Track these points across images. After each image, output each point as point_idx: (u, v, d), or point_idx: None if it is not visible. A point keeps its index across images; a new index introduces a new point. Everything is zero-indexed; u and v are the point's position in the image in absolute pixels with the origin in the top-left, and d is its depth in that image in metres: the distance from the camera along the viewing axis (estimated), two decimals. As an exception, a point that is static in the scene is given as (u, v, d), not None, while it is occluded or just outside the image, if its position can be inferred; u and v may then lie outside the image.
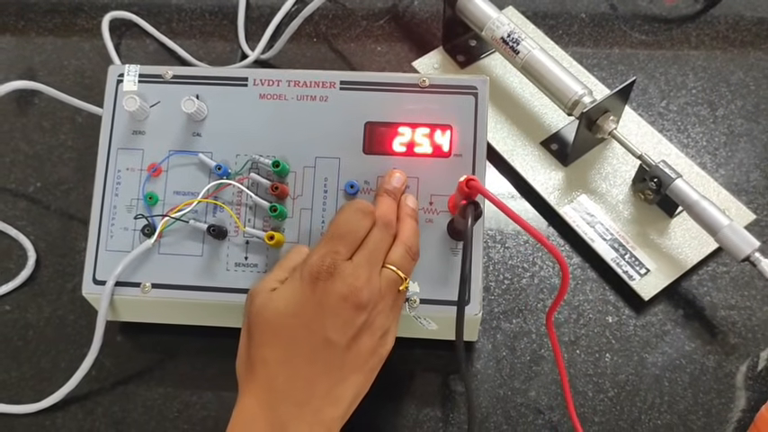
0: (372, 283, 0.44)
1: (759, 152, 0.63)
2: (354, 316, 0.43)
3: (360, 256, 0.45)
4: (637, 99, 0.67)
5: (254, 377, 0.45)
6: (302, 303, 0.43)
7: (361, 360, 0.44)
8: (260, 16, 0.76)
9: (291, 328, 0.43)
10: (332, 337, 0.43)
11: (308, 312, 0.43)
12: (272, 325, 0.44)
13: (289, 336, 0.43)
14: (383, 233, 0.47)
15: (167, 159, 0.55)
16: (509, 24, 0.63)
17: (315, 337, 0.43)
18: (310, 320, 0.43)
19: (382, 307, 0.45)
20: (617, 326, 0.57)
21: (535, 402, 0.54)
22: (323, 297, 0.43)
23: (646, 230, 0.59)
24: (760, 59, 0.69)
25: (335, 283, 0.43)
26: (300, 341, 0.43)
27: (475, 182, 0.41)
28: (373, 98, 0.54)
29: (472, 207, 0.42)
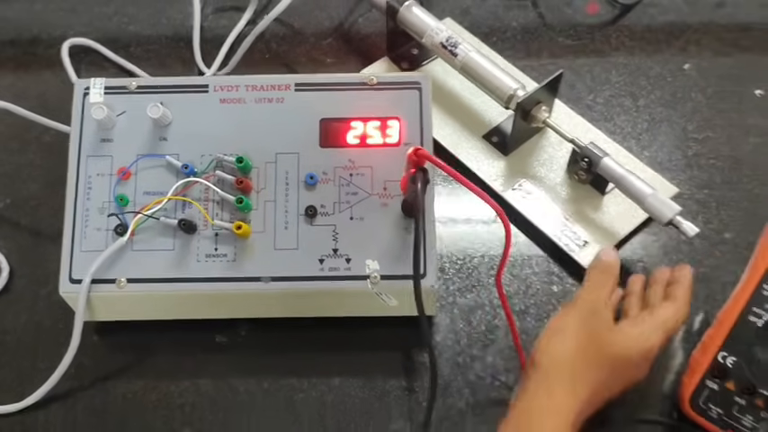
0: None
1: (678, 134, 0.70)
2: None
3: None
4: (566, 94, 0.73)
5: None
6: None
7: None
8: (213, 37, 0.81)
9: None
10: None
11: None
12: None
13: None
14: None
15: (136, 163, 0.58)
16: (447, 30, 0.69)
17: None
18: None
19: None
20: (562, 294, 0.62)
21: (492, 367, 0.59)
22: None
23: (582, 208, 0.65)
24: (673, 55, 0.76)
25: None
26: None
27: (422, 150, 0.47)
28: (326, 97, 0.59)
29: (421, 173, 0.47)
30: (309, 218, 0.57)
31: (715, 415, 0.52)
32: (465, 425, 0.56)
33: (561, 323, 0.52)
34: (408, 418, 0.57)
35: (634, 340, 0.51)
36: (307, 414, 0.57)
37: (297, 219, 0.57)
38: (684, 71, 0.75)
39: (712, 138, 0.70)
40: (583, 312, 0.52)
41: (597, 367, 0.50)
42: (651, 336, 0.51)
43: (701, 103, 0.72)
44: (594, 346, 0.50)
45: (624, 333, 0.51)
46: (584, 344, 0.50)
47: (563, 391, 0.48)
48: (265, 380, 0.59)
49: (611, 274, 0.54)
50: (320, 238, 0.56)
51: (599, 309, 0.52)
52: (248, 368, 0.59)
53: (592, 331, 0.51)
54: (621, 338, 0.51)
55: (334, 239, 0.56)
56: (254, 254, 0.56)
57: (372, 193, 0.57)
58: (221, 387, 0.59)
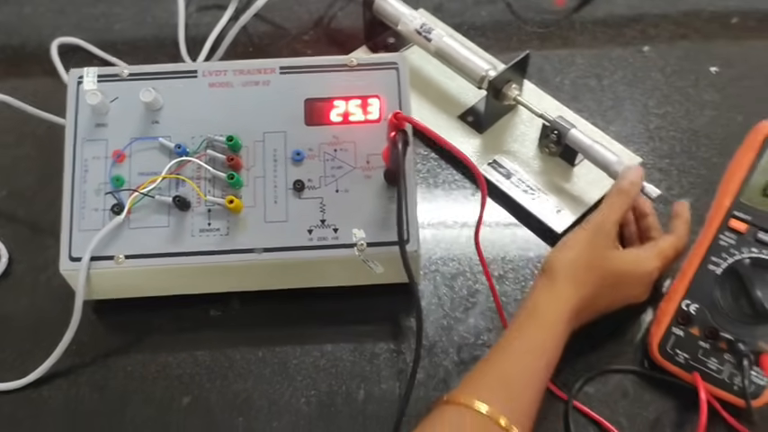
0: None
1: (640, 110, 0.75)
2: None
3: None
4: (536, 76, 0.77)
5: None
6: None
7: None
8: (198, 34, 0.84)
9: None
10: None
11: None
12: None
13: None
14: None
15: (130, 146, 0.61)
16: (420, 17, 0.73)
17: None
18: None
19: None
20: (537, 259, 0.66)
21: (474, 327, 0.62)
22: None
23: (553, 179, 0.69)
24: (634, 37, 0.81)
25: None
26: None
27: (401, 113, 0.50)
28: (310, 79, 0.63)
29: (401, 134, 0.51)
30: (297, 192, 0.60)
31: (682, 360, 0.56)
32: (451, 381, 0.59)
33: (572, 239, 0.57)
34: (397, 377, 0.60)
35: (633, 262, 0.58)
36: (301, 378, 0.60)
37: (285, 193, 0.60)
38: (644, 53, 0.80)
39: (671, 112, 0.75)
40: (592, 230, 0.57)
41: (597, 274, 0.56)
42: (650, 261, 0.58)
43: (660, 82, 0.77)
44: (597, 258, 0.56)
45: (625, 254, 0.59)
46: (587, 257, 0.56)
47: (565, 287, 0.54)
48: (260, 349, 0.62)
49: (627, 196, 0.59)
50: (308, 210, 0.60)
51: (606, 228, 0.57)
52: (243, 339, 0.62)
53: (596, 246, 0.56)
54: (622, 257, 0.58)
55: (322, 211, 0.60)
56: (246, 227, 0.59)
57: (356, 167, 0.60)
58: (218, 357, 0.61)
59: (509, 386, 0.51)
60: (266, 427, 0.58)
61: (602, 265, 0.56)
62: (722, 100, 0.75)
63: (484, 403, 0.49)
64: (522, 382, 0.52)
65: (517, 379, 0.52)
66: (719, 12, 0.83)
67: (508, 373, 0.52)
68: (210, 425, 0.58)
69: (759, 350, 0.53)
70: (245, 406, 0.59)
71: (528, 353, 0.53)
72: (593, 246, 0.56)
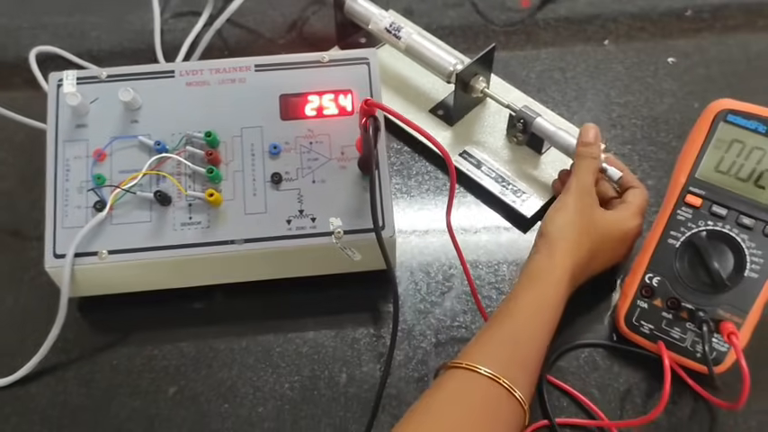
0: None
1: (602, 100, 0.78)
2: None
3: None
4: (503, 71, 0.80)
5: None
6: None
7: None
8: (173, 39, 0.86)
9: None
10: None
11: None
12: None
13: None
14: None
15: (110, 145, 0.63)
16: (390, 17, 0.76)
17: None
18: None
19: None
20: (509, 243, 0.68)
21: (451, 310, 0.64)
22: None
23: (522, 167, 0.72)
24: (594, 31, 0.85)
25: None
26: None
27: (371, 100, 0.53)
28: (284, 75, 0.65)
29: (372, 119, 0.54)
30: (275, 184, 0.62)
31: (647, 331, 0.59)
32: (429, 362, 0.62)
33: (561, 202, 0.61)
34: (377, 360, 0.62)
35: (619, 221, 0.61)
36: (284, 365, 0.62)
37: (264, 185, 0.62)
38: (605, 46, 0.83)
39: (632, 101, 0.78)
40: (576, 194, 0.61)
41: (589, 237, 0.59)
42: (631, 218, 0.62)
43: (621, 73, 0.81)
44: (587, 220, 0.59)
45: (610, 214, 0.62)
46: (579, 217, 0.59)
47: (562, 253, 0.57)
48: (244, 339, 0.63)
49: (591, 157, 0.63)
50: (286, 201, 0.62)
51: (588, 190, 0.61)
52: (227, 330, 0.64)
53: (584, 208, 0.60)
54: (608, 217, 0.61)
55: (300, 201, 0.62)
56: (226, 220, 0.61)
57: (331, 158, 0.63)
58: (202, 348, 0.63)
59: (511, 348, 0.53)
60: (252, 412, 0.59)
61: (594, 225, 0.60)
62: (679, 88, 0.79)
63: (486, 365, 0.51)
64: (523, 344, 0.54)
65: (519, 341, 0.54)
66: (674, 6, 0.87)
67: (510, 335, 0.54)
68: (197, 413, 0.60)
69: (718, 318, 0.56)
70: (230, 393, 0.60)
71: (530, 316, 0.55)
72: (582, 206, 0.60)
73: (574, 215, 0.59)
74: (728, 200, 0.57)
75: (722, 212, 0.57)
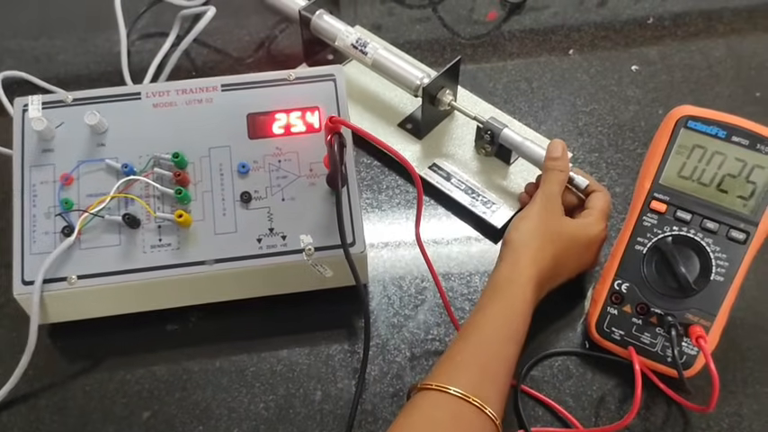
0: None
1: (568, 109, 0.79)
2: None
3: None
4: (470, 83, 0.81)
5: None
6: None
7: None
8: (141, 61, 0.86)
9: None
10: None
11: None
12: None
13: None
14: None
15: (77, 168, 0.63)
16: (356, 33, 0.76)
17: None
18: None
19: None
20: (480, 254, 0.69)
21: (424, 323, 0.65)
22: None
23: (491, 177, 0.72)
24: (559, 42, 0.86)
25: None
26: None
27: (336, 117, 0.53)
28: (251, 94, 0.65)
29: (337, 136, 0.54)
30: (245, 203, 0.62)
31: (618, 337, 0.60)
32: (405, 377, 0.62)
33: (527, 211, 0.61)
34: (352, 377, 0.62)
35: (583, 227, 0.62)
36: (258, 384, 0.61)
37: (233, 205, 0.62)
38: (570, 55, 0.84)
39: (598, 109, 0.79)
40: (542, 203, 0.61)
41: (553, 245, 0.59)
42: (595, 223, 0.62)
43: (586, 81, 0.82)
44: (551, 228, 0.60)
45: (574, 222, 0.62)
46: (543, 225, 0.60)
47: (526, 261, 0.58)
48: (217, 359, 0.63)
49: (560, 169, 0.64)
50: (256, 219, 0.62)
51: (553, 200, 0.62)
52: (200, 351, 0.63)
53: (549, 216, 0.61)
54: (573, 224, 0.62)
55: (270, 220, 0.62)
56: (196, 240, 0.61)
57: (300, 175, 0.63)
58: (176, 370, 0.62)
59: (480, 364, 0.53)
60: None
61: (559, 233, 0.60)
62: (643, 95, 0.80)
63: (455, 385, 0.51)
64: (492, 358, 0.54)
65: (488, 355, 0.54)
66: (637, 14, 0.89)
67: (478, 350, 0.54)
68: (172, 437, 0.59)
69: (687, 322, 0.57)
70: (204, 416, 0.60)
71: (497, 328, 0.55)
72: (546, 215, 0.61)
73: (538, 223, 0.60)
74: (692, 205, 0.58)
75: (686, 217, 0.58)
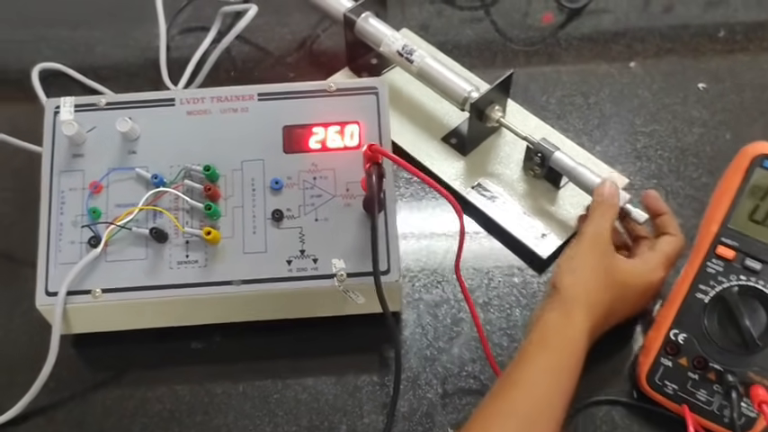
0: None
1: (626, 128, 0.74)
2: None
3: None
4: (521, 96, 0.76)
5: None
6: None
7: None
8: (180, 57, 0.83)
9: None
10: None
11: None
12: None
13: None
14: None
15: (107, 176, 0.60)
16: (402, 39, 0.72)
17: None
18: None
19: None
20: (523, 285, 0.64)
21: (459, 358, 0.61)
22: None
23: (538, 202, 0.68)
24: (620, 53, 0.80)
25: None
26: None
27: (375, 146, 0.49)
28: (288, 105, 0.62)
29: (376, 167, 0.50)
30: (276, 221, 0.59)
31: (671, 391, 0.55)
32: (436, 415, 0.58)
33: (572, 252, 0.57)
34: (380, 411, 0.58)
35: (640, 271, 0.57)
36: (282, 413, 0.59)
37: (264, 223, 0.59)
38: (631, 69, 0.79)
39: (659, 130, 0.73)
40: (588, 243, 0.56)
41: (608, 291, 0.55)
42: (657, 269, 0.57)
43: (648, 99, 0.76)
44: (604, 272, 0.55)
45: (631, 265, 0.57)
46: (595, 269, 0.55)
47: (580, 312, 0.53)
48: (241, 383, 0.60)
49: (610, 205, 0.59)
50: (287, 240, 0.58)
51: (602, 239, 0.56)
52: (224, 373, 0.61)
53: (599, 258, 0.56)
54: (628, 268, 0.57)
55: (301, 241, 0.58)
56: (224, 258, 0.58)
57: (336, 195, 0.59)
58: (198, 392, 0.60)
59: (523, 422, 0.49)
60: (247, 463, 0.57)
61: (613, 277, 0.55)
62: (710, 117, 0.74)
63: None
64: (538, 419, 0.49)
65: (533, 415, 0.49)
66: (706, 25, 0.82)
67: (523, 409, 0.50)
68: (190, 462, 0.57)
69: (749, 381, 0.52)
70: (225, 442, 0.58)
71: (544, 386, 0.51)
72: (597, 258, 0.56)
73: (591, 270, 0.55)
74: (764, 253, 0.53)
75: (756, 267, 0.53)
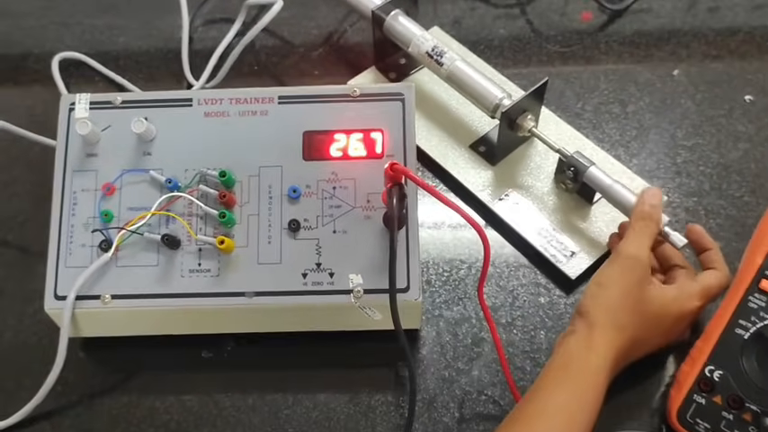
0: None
1: (667, 141, 0.70)
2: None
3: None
4: (555, 102, 0.73)
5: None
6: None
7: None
8: (203, 49, 0.81)
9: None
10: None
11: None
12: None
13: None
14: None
15: (120, 178, 0.58)
16: (432, 39, 0.69)
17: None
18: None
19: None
20: (549, 305, 0.61)
21: (478, 381, 0.58)
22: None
23: (569, 217, 0.64)
24: (663, 59, 0.76)
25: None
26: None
27: (398, 165, 0.46)
28: (309, 109, 0.59)
29: (397, 188, 0.47)
30: (292, 232, 0.56)
31: (702, 430, 0.52)
32: (451, 439, 0.56)
33: (604, 276, 0.53)
34: (394, 433, 0.56)
35: (675, 301, 0.53)
36: (292, 430, 0.57)
37: (280, 233, 0.57)
38: (674, 77, 0.74)
39: (701, 144, 0.69)
40: (624, 266, 0.53)
41: (637, 319, 0.51)
42: (694, 298, 0.54)
43: (691, 110, 0.72)
44: (635, 299, 0.52)
45: (666, 291, 0.53)
46: (625, 295, 0.51)
47: (603, 339, 0.50)
48: (251, 395, 0.58)
49: (652, 220, 0.55)
50: (303, 252, 0.56)
51: (640, 265, 0.52)
52: (234, 384, 0.59)
53: (633, 284, 0.52)
54: (663, 297, 0.53)
55: (318, 253, 0.56)
56: (237, 268, 0.56)
57: (356, 206, 0.57)
58: (206, 402, 0.58)
59: None
60: (254, 481, 0.55)
61: (643, 305, 0.52)
62: (756, 132, 0.70)
63: None
64: None
65: None
66: (757, 32, 0.78)
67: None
68: (196, 476, 0.55)
69: (788, 425, 0.49)
70: (232, 457, 0.56)
71: (562, 419, 0.48)
72: (631, 283, 0.52)
73: (620, 294, 0.51)
74: (810, 289, 0.49)
75: (802, 304, 0.49)
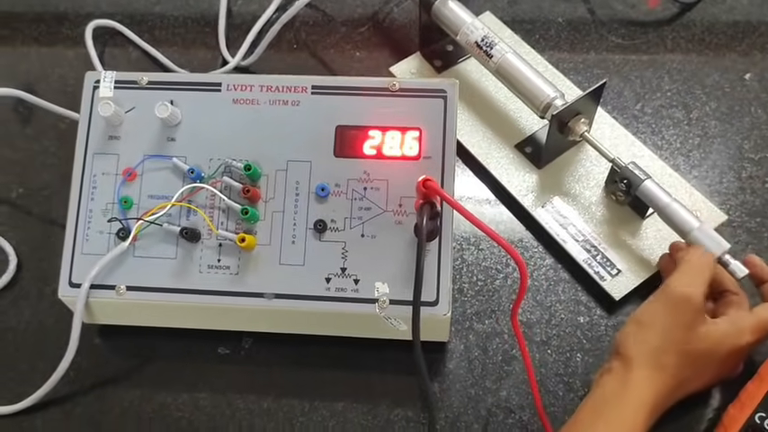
0: None
1: (732, 154, 0.64)
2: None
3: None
4: (611, 102, 0.67)
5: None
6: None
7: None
8: (241, 23, 0.77)
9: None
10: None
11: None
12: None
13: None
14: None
15: (142, 164, 0.56)
16: (483, 29, 0.64)
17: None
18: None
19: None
20: (588, 326, 0.57)
21: (506, 402, 0.54)
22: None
23: (617, 231, 0.59)
24: (735, 62, 0.69)
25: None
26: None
27: (431, 182, 0.42)
28: (344, 102, 0.55)
29: (428, 207, 0.43)
30: (318, 233, 0.53)
31: (748, 479, 0.47)
32: (473, 463, 0.53)
33: (647, 315, 0.49)
34: (412, 451, 0.53)
35: (726, 337, 0.49)
36: (307, 439, 0.54)
37: (305, 233, 0.53)
38: (745, 81, 0.68)
39: (770, 160, 0.63)
40: (671, 305, 0.48)
41: (682, 360, 0.47)
42: (746, 332, 0.49)
43: (761, 119, 0.65)
44: (684, 341, 0.48)
45: (718, 329, 0.49)
46: (669, 337, 0.47)
47: (641, 380, 0.47)
48: (266, 398, 0.56)
49: (710, 258, 0.51)
50: (328, 255, 0.53)
51: (691, 304, 0.48)
52: (249, 384, 0.57)
53: (680, 327, 0.48)
54: (714, 333, 0.49)
55: (343, 257, 0.53)
56: (257, 268, 0.53)
57: (387, 210, 0.53)
58: (220, 403, 0.56)
59: None
60: (263, 490, 0.53)
61: (691, 345, 0.48)
62: (833, 148, 0.63)
63: None
64: None
65: None
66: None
67: None
68: (205, 481, 0.54)
69: None
70: (243, 463, 0.54)
71: None
72: (678, 325, 0.48)
73: (662, 337, 0.47)
74: None
75: None
